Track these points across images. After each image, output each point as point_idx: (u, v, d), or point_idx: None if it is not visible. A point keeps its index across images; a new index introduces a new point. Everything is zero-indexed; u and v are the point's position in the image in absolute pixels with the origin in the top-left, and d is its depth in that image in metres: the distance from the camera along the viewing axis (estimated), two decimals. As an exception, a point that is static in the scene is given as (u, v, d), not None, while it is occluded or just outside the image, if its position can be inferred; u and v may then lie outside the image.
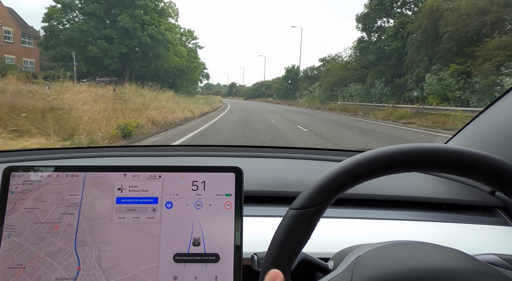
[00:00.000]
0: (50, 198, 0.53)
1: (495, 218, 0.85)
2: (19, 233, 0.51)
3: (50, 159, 1.14)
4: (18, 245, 0.51)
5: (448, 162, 0.41)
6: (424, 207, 0.89)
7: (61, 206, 0.52)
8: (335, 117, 16.54)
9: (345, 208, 0.84)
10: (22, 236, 0.51)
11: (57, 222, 0.52)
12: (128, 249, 0.52)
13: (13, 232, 0.51)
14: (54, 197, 0.53)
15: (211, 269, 0.52)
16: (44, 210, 0.52)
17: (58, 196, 0.53)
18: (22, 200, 0.52)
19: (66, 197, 0.53)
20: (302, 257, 0.53)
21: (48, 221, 0.52)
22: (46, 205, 0.52)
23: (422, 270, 0.43)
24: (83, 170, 0.54)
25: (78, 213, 0.53)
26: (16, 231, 0.51)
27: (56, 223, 0.52)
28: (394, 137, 8.61)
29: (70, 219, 0.52)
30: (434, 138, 9.14)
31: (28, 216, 0.52)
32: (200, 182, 0.55)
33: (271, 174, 1.05)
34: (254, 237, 0.64)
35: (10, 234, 0.51)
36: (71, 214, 0.52)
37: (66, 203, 0.53)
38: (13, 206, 0.52)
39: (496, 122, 0.97)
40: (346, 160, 0.44)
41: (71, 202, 0.53)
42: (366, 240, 0.59)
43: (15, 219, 0.52)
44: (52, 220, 0.52)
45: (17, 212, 0.52)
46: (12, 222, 0.52)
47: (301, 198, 0.44)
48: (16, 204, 0.52)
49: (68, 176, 0.54)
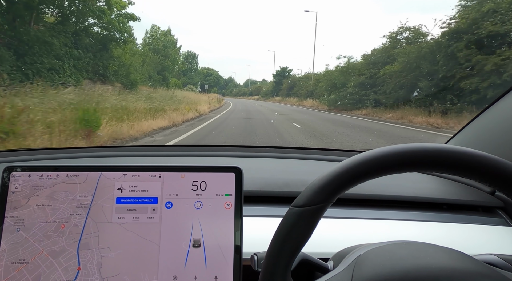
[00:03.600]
0: (62, 196, 0.53)
1: (495, 218, 0.85)
2: (28, 228, 0.51)
3: (50, 159, 1.14)
4: (25, 240, 0.51)
5: (448, 162, 0.41)
6: (424, 207, 0.89)
7: (71, 206, 0.53)
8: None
9: (345, 208, 0.84)
10: (30, 232, 0.51)
11: (65, 222, 0.52)
12: (131, 260, 0.51)
13: (22, 226, 0.51)
14: (65, 196, 0.53)
15: (211, 269, 0.52)
16: (55, 208, 0.52)
17: (70, 196, 0.53)
18: (36, 196, 0.52)
19: (77, 198, 0.53)
20: (302, 257, 0.53)
21: (56, 220, 0.52)
22: (57, 203, 0.53)
23: (422, 270, 0.43)
24: (82, 170, 0.54)
25: (87, 214, 0.53)
26: (25, 226, 0.51)
27: (64, 223, 0.52)
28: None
29: (77, 220, 0.52)
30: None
31: (38, 212, 0.52)
32: (200, 182, 0.55)
33: (271, 174, 1.05)
34: (254, 237, 0.64)
35: (19, 229, 0.51)
36: (79, 214, 0.52)
37: (76, 204, 0.53)
38: (27, 201, 0.52)
39: (496, 122, 0.97)
40: (347, 159, 0.44)
41: (81, 203, 0.53)
42: (366, 240, 0.59)
43: (26, 214, 0.52)
44: (60, 219, 0.52)
45: (29, 208, 0.52)
46: (22, 217, 0.52)
47: (303, 196, 0.44)
48: (30, 200, 0.52)
49: (83, 176, 0.54)
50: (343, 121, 13.92)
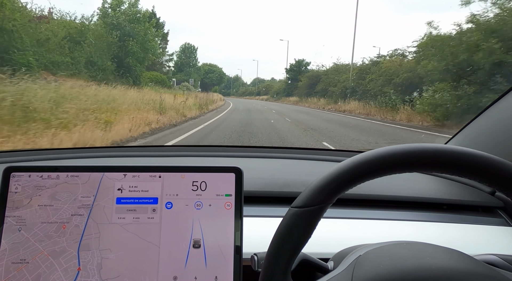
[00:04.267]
0: (64, 196, 0.53)
1: (495, 219, 0.85)
2: (29, 228, 0.51)
3: (50, 159, 1.14)
4: (26, 240, 0.51)
5: (448, 162, 0.41)
6: (424, 208, 0.89)
7: (73, 207, 0.53)
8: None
9: (345, 208, 0.84)
10: (31, 231, 0.51)
11: (66, 222, 0.52)
12: (131, 261, 0.51)
13: (23, 226, 0.52)
14: (67, 197, 0.53)
15: (211, 269, 0.52)
16: (56, 209, 0.52)
17: (72, 196, 0.53)
18: (38, 196, 0.53)
19: (79, 198, 0.53)
20: (302, 258, 0.53)
21: (57, 220, 0.52)
22: (59, 203, 0.53)
23: (423, 270, 0.43)
24: (82, 170, 0.54)
25: (88, 215, 0.52)
26: (26, 226, 0.52)
27: (65, 223, 0.52)
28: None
29: (78, 220, 0.52)
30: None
31: (40, 212, 0.52)
32: (200, 183, 0.55)
33: (271, 174, 1.05)
34: (254, 237, 0.64)
35: (20, 228, 0.51)
36: (81, 215, 0.52)
37: (78, 204, 0.53)
38: (29, 201, 0.52)
39: (496, 122, 0.97)
40: (347, 159, 0.44)
41: (83, 203, 0.53)
42: (366, 240, 0.59)
43: (28, 214, 0.52)
44: (61, 219, 0.52)
45: (31, 207, 0.52)
46: (24, 217, 0.52)
47: (302, 197, 0.44)
48: (32, 200, 0.52)
49: (85, 176, 0.54)
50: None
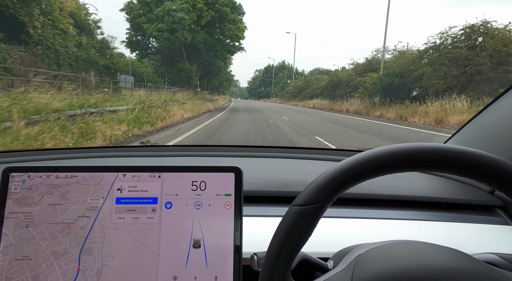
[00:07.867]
0: (74, 196, 0.53)
1: (495, 218, 0.85)
2: (36, 225, 0.51)
3: (49, 159, 1.14)
4: (31, 237, 0.51)
5: (448, 161, 0.41)
6: (423, 207, 0.89)
7: (81, 208, 0.52)
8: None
9: (345, 208, 0.84)
10: (38, 229, 0.51)
11: (72, 223, 0.52)
12: (131, 269, 0.51)
13: (31, 223, 0.52)
14: (77, 197, 0.53)
15: (211, 269, 0.52)
16: (65, 208, 0.52)
17: (81, 197, 0.53)
18: (49, 194, 0.52)
19: (88, 200, 0.53)
20: (302, 257, 0.53)
21: (63, 221, 0.52)
22: (68, 203, 0.52)
23: (422, 269, 0.43)
24: (82, 171, 0.54)
25: (95, 217, 0.52)
26: (34, 223, 0.52)
27: (71, 224, 0.52)
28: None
29: (85, 222, 0.52)
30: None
31: (49, 211, 0.52)
32: (199, 182, 0.55)
33: (271, 174, 1.05)
34: (254, 237, 0.64)
35: (28, 225, 0.51)
36: (88, 217, 0.52)
37: (86, 206, 0.52)
38: (41, 198, 0.52)
39: (496, 121, 0.97)
40: (348, 158, 0.44)
41: (92, 205, 0.53)
42: (366, 239, 0.59)
43: (37, 212, 0.52)
44: (68, 220, 0.52)
45: (41, 205, 0.52)
46: (33, 214, 0.52)
47: (304, 195, 0.44)
48: (43, 197, 0.52)
49: (97, 177, 0.54)
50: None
